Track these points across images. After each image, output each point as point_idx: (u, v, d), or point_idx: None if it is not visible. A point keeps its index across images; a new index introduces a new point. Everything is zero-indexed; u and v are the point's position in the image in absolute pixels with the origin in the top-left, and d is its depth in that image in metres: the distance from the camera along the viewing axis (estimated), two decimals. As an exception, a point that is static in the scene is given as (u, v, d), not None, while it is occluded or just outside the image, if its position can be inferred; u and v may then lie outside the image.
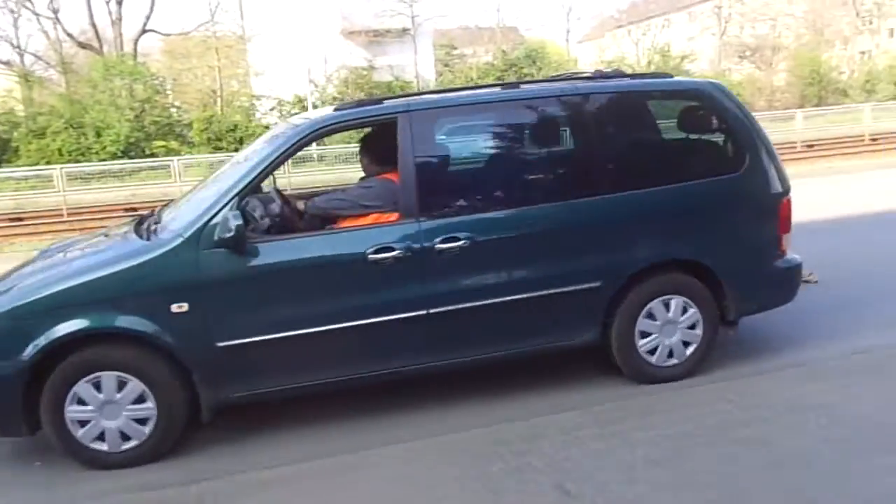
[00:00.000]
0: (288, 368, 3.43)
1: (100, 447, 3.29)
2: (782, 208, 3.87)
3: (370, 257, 3.36)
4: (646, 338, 3.78)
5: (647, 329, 3.77)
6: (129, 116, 25.73)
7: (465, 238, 3.45)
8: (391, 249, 3.38)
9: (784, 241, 3.90)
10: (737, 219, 3.87)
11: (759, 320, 4.21)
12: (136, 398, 3.26)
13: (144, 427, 3.30)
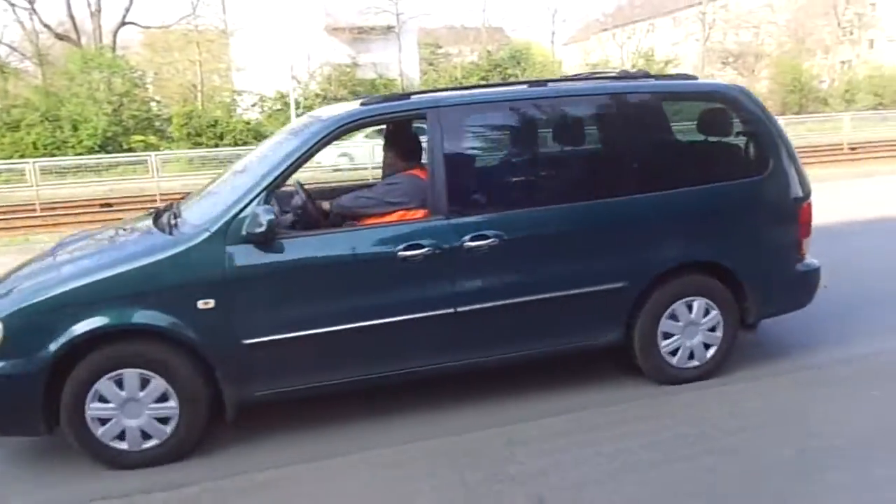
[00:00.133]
0: (313, 366, 3.37)
1: (119, 446, 3.20)
2: (803, 212, 3.90)
3: (400, 254, 3.32)
4: (668, 339, 3.78)
5: (670, 330, 3.78)
6: (107, 110, 25.34)
7: (494, 236, 3.42)
8: (421, 246, 3.34)
9: (804, 246, 3.94)
10: (760, 222, 3.89)
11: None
12: (159, 396, 3.18)
13: (166, 426, 3.22)
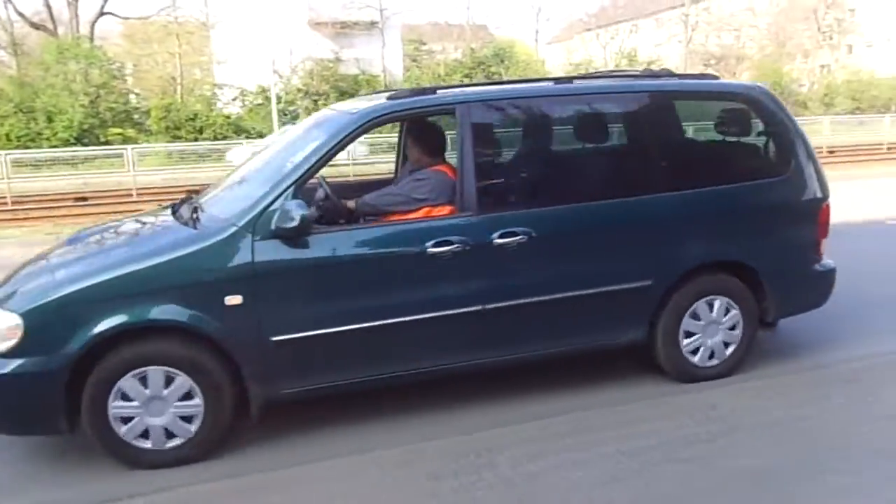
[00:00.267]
0: (341, 364, 3.31)
1: (143, 445, 3.11)
2: (822, 213, 3.94)
3: (430, 251, 3.28)
4: (690, 337, 3.79)
5: (692, 329, 3.79)
6: (84, 102, 24.89)
7: (523, 233, 3.39)
8: (450, 243, 3.30)
9: (822, 246, 3.98)
10: (782, 222, 3.91)
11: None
12: (184, 394, 3.10)
13: (190, 425, 3.14)
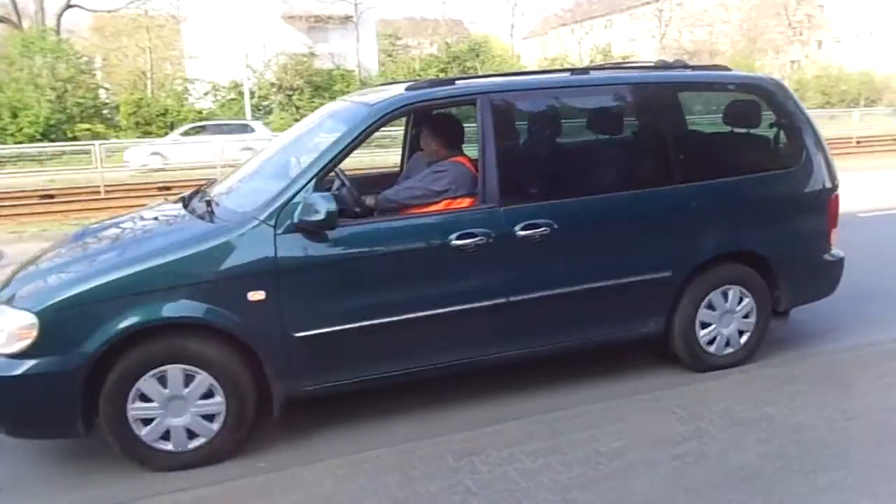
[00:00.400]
0: (364, 359, 3.26)
1: (164, 447, 3.02)
2: (832, 203, 3.99)
3: (453, 243, 3.23)
4: (706, 328, 3.81)
5: (707, 319, 3.80)
6: (51, 97, 24.34)
7: (546, 225, 3.36)
8: (473, 235, 3.26)
9: (832, 236, 4.03)
10: (794, 212, 3.96)
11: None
12: (205, 393, 3.02)
13: (212, 424, 3.06)
